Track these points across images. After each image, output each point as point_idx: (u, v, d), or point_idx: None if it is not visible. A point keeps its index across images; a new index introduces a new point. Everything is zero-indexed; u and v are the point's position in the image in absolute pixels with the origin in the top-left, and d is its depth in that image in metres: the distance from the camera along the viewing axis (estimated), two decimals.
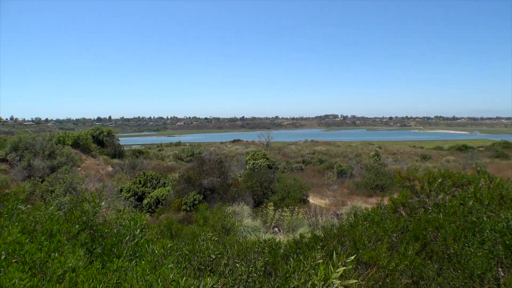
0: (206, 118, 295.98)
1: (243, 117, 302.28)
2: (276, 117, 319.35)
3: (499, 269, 3.75)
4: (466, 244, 4.15)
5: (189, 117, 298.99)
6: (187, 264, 3.29)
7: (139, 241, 3.12)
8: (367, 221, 5.13)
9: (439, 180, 6.38)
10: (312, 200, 21.27)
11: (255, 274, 3.33)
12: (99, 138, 37.97)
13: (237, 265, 3.42)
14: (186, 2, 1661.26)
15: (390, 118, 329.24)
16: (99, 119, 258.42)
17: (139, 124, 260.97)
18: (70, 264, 2.42)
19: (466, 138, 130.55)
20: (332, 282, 2.33)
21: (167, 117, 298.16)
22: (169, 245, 3.27)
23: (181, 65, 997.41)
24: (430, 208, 5.93)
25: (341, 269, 2.37)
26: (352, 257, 2.51)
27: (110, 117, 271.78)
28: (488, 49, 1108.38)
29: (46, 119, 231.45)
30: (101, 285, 2.30)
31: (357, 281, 2.76)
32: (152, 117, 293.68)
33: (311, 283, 2.42)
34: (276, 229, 13.54)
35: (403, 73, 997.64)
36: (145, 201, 19.47)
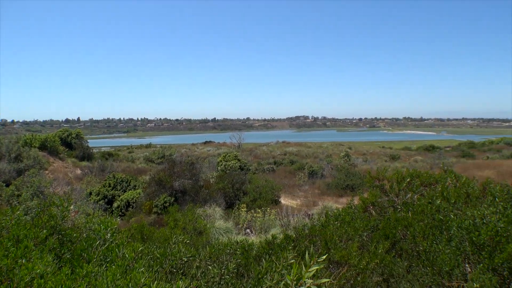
0: (177, 120, 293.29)
1: (215, 118, 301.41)
2: (248, 119, 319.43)
3: (466, 265, 3.85)
4: (434, 242, 4.24)
5: (160, 119, 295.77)
6: (159, 267, 3.25)
7: (110, 245, 3.07)
8: (338, 221, 5.19)
9: (408, 180, 6.51)
10: (283, 200, 21.37)
11: (228, 276, 3.32)
12: (67, 140, 37.17)
13: (210, 267, 3.41)
14: (155, 2, 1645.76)
15: (360, 119, 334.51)
16: (67, 121, 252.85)
17: (109, 126, 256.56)
18: (38, 271, 2.36)
19: (433, 138, 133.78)
20: (304, 281, 2.35)
21: (138, 118, 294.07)
22: (140, 248, 3.22)
23: (152, 66, 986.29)
24: (399, 207, 6.05)
25: (314, 268, 2.38)
26: (324, 257, 2.53)
27: (78, 118, 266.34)
28: (454, 52, 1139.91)
29: (12, 121, 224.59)
30: None
31: (329, 280, 2.78)
32: (122, 119, 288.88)
33: (284, 283, 2.43)
34: (248, 230, 13.54)
35: (373, 75, 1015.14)
36: (115, 205, 19.16)
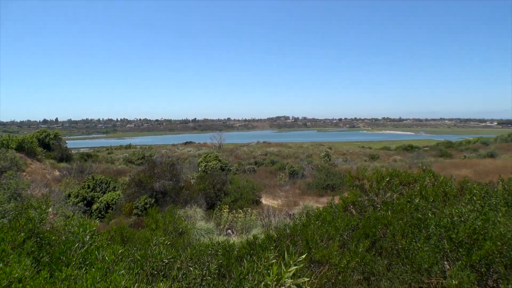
0: (157, 120, 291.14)
1: (195, 119, 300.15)
2: (228, 119, 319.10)
3: (445, 262, 3.92)
4: (414, 240, 4.30)
5: (140, 119, 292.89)
6: (139, 269, 3.23)
7: (89, 248, 3.03)
8: (319, 220, 5.22)
9: (387, 179, 6.58)
10: (264, 201, 21.40)
11: (209, 277, 3.32)
12: (45, 141, 36.60)
13: (191, 268, 3.40)
14: (131, 2, 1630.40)
15: (340, 119, 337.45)
16: (45, 121, 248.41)
17: (88, 127, 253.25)
18: (16, 275, 2.32)
19: (412, 138, 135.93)
20: (284, 281, 2.36)
21: (117, 119, 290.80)
22: (120, 251, 3.19)
23: (131, 66, 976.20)
24: (379, 206, 6.12)
25: (293, 268, 2.39)
26: (303, 256, 2.55)
27: (56, 119, 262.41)
28: (432, 53, 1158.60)
29: None
30: None
31: (309, 279, 2.80)
32: (101, 119, 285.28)
33: (264, 283, 2.44)
34: (229, 231, 13.52)
35: (352, 76, 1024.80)
36: (94, 206, 18.93)
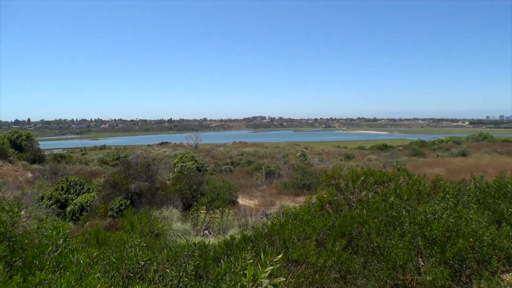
0: (132, 120, 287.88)
1: (171, 119, 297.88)
2: (205, 119, 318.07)
3: (419, 259, 3.98)
4: (389, 237, 4.36)
5: (115, 119, 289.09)
6: (115, 272, 3.18)
7: (63, 251, 2.97)
8: (297, 220, 5.25)
9: (362, 178, 6.67)
10: (241, 201, 21.40)
11: (186, 279, 3.29)
12: (17, 142, 35.81)
13: (167, 270, 3.37)
14: (98, 2, 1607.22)
15: (316, 119, 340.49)
16: (17, 122, 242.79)
17: (61, 127, 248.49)
18: None
19: (386, 138, 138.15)
20: (261, 281, 2.36)
21: (91, 119, 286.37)
22: (95, 253, 3.14)
23: (105, 66, 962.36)
24: (355, 204, 6.19)
25: (269, 268, 2.39)
26: (280, 256, 2.55)
27: (29, 119, 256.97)
28: (405, 54, 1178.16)
29: None
30: None
31: (285, 279, 2.80)
32: (75, 120, 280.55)
33: (241, 284, 2.43)
34: (206, 231, 13.47)
35: (328, 76, 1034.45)
36: (68, 209, 18.58)
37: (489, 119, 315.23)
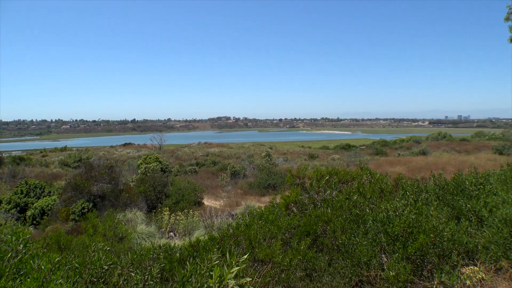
0: (94, 121, 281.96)
1: (134, 119, 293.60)
2: (169, 119, 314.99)
3: (383, 255, 4.08)
4: (353, 235, 4.44)
5: (76, 120, 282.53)
6: (78, 277, 3.10)
7: (23, 257, 2.88)
8: (262, 220, 5.27)
9: (327, 178, 6.76)
10: (207, 202, 21.29)
11: (152, 282, 3.26)
12: None
13: (132, 274, 3.31)
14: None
15: (280, 119, 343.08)
16: None
17: (20, 128, 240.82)
18: None
19: (349, 137, 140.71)
20: (227, 282, 2.35)
21: (51, 120, 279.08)
22: (57, 259, 3.06)
23: (67, 64, 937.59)
24: (319, 203, 6.26)
25: (235, 269, 2.39)
26: (246, 256, 2.56)
27: None
28: (367, 55, 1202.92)
29: None
30: None
31: (251, 279, 2.81)
32: (34, 120, 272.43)
33: (207, 286, 2.42)
34: (171, 233, 13.33)
35: (292, 77, 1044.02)
36: (28, 213, 17.98)
37: (448, 119, 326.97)
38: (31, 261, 2.78)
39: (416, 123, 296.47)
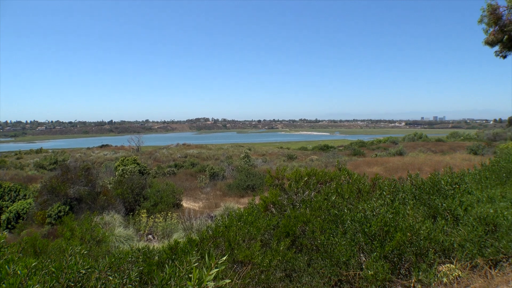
0: (70, 122, 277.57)
1: (112, 120, 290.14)
2: (147, 121, 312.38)
3: (361, 255, 4.12)
4: (331, 235, 4.48)
5: (52, 121, 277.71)
6: (55, 282, 3.04)
7: None
8: (241, 221, 5.26)
9: (305, 178, 6.80)
10: (185, 204, 21.17)
11: (130, 285, 3.23)
12: None
13: (110, 278, 3.27)
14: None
15: (259, 121, 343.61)
16: None
17: None
18: None
19: (327, 138, 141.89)
20: (206, 284, 2.34)
21: (26, 121, 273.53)
22: (33, 263, 2.99)
23: (42, 64, 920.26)
24: (298, 204, 6.30)
25: (214, 271, 2.39)
26: (225, 258, 2.55)
27: None
28: (344, 56, 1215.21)
29: None
30: None
31: (231, 280, 2.81)
32: (8, 121, 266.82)
33: None
34: (150, 236, 13.21)
35: (271, 78, 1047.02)
36: (3, 217, 17.56)
37: (424, 120, 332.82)
38: (6, 266, 2.72)
39: (393, 124, 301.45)
